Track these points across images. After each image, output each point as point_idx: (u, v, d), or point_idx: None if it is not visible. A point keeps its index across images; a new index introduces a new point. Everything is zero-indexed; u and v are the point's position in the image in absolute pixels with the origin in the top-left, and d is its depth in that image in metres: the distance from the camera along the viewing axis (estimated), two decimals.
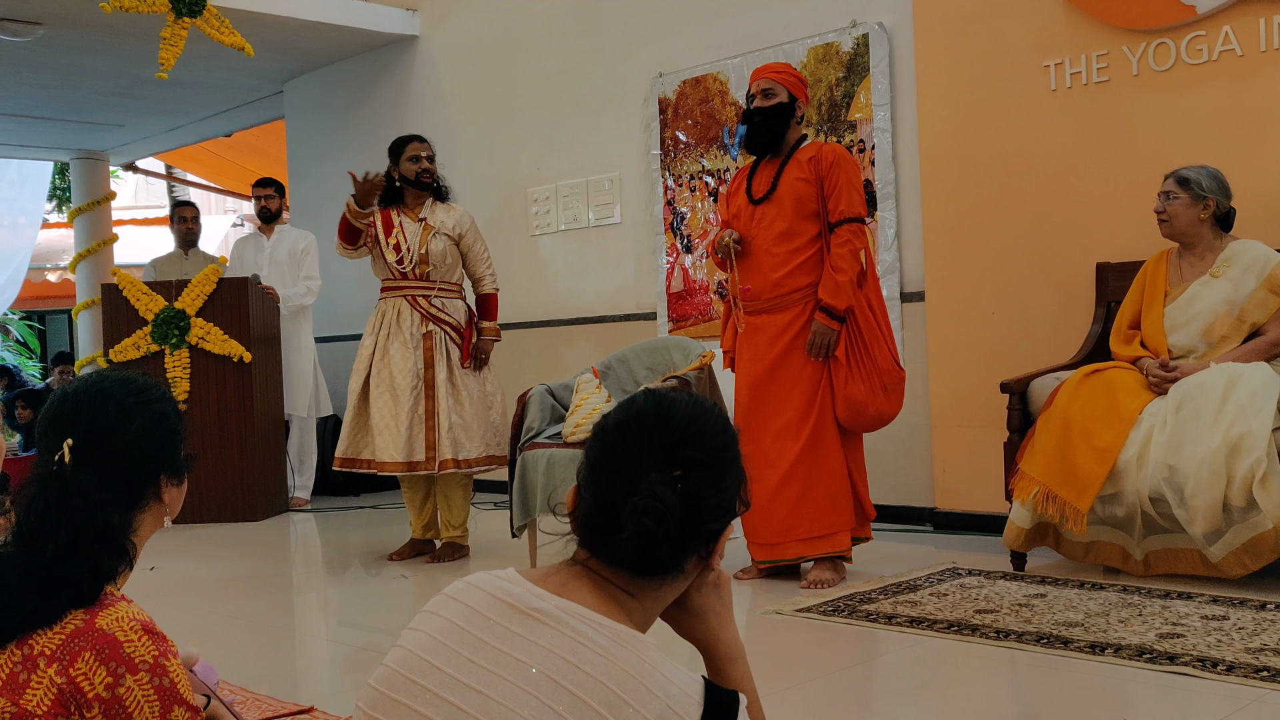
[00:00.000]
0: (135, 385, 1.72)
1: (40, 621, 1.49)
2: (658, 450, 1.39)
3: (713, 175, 6.19)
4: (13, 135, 10.37)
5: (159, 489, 1.70)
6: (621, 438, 1.42)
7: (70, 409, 1.65)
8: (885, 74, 5.52)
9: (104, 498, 1.57)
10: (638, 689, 1.28)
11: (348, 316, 8.36)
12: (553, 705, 1.26)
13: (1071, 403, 4.01)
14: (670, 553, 1.39)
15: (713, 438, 1.43)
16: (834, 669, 3.24)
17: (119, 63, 7.96)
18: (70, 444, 1.59)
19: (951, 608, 3.69)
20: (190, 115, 9.82)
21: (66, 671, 1.47)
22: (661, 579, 1.42)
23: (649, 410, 1.43)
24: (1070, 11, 4.83)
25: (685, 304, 6.32)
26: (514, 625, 1.33)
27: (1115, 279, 4.66)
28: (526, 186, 7.20)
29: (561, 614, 1.33)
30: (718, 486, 1.42)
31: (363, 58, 8.23)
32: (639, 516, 1.35)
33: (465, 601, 1.38)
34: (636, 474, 1.38)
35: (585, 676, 1.28)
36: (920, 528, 5.31)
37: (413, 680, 1.33)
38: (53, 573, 1.51)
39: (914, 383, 5.41)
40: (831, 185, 4.22)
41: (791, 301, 4.24)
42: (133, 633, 1.51)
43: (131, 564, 1.63)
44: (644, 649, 1.33)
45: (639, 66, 6.54)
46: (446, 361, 5.04)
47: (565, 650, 1.30)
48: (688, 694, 1.31)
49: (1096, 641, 3.19)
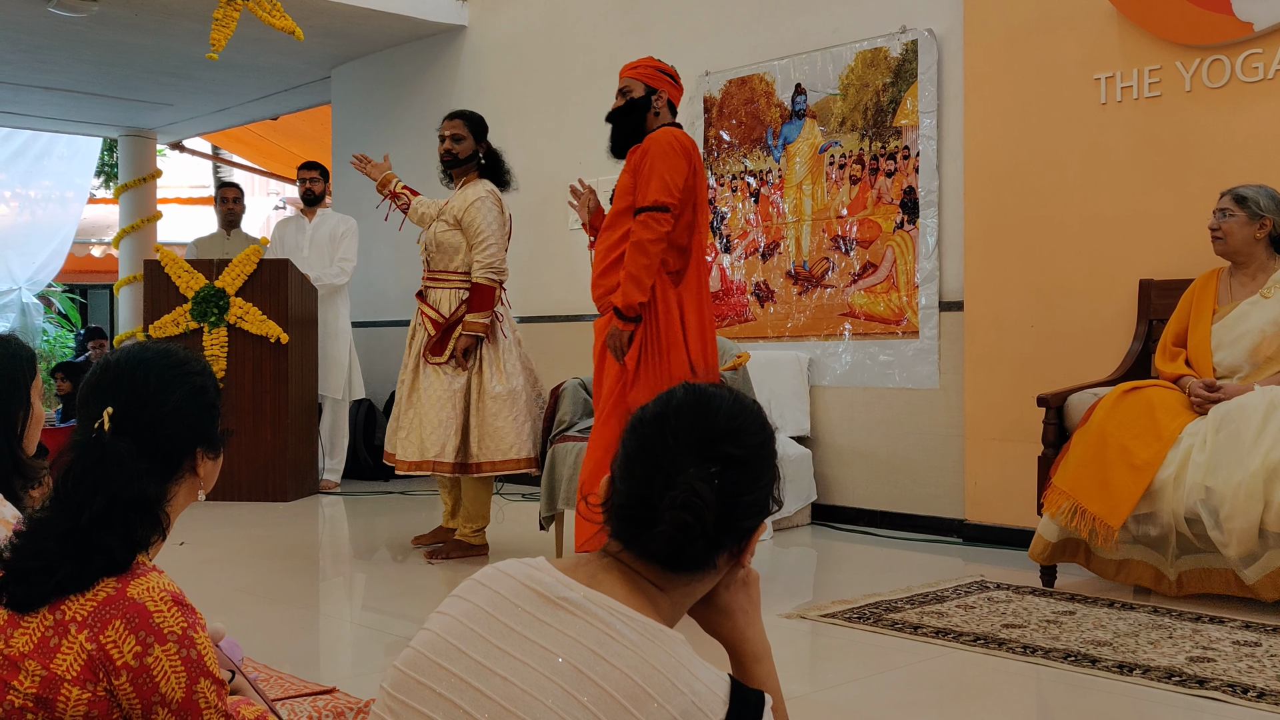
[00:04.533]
0: (176, 357, 1.73)
1: (73, 587, 1.51)
2: (697, 445, 1.38)
3: (755, 176, 6.17)
4: (64, 110, 10.49)
5: (195, 461, 1.71)
6: (660, 431, 1.40)
7: (112, 378, 1.66)
8: (933, 81, 5.48)
9: (141, 467, 1.59)
10: (663, 684, 1.27)
11: (385, 302, 8.40)
12: (577, 696, 1.26)
13: (1109, 419, 3.96)
14: (704, 548, 1.38)
15: (752, 435, 1.42)
16: (856, 677, 3.21)
17: (170, 42, 8.03)
18: (110, 412, 1.61)
19: (978, 620, 3.65)
20: (238, 97, 9.89)
21: (97, 639, 1.48)
22: (693, 574, 1.41)
23: (689, 404, 1.42)
24: (1124, 25, 4.78)
25: (722, 304, 6.30)
26: (542, 614, 1.32)
27: (1158, 296, 4.60)
28: (568, 180, 7.18)
29: (590, 604, 1.32)
30: (754, 484, 1.41)
31: (411, 46, 8.26)
32: (676, 511, 1.34)
33: (494, 588, 1.37)
34: (674, 468, 1.36)
35: (611, 669, 1.27)
36: (949, 539, 5.28)
37: (438, 664, 1.33)
38: (88, 539, 1.53)
39: (948, 393, 5.38)
40: (640, 173, 3.94)
41: (606, 304, 4.07)
42: (163, 603, 1.51)
43: (165, 534, 1.64)
44: (672, 644, 1.31)
45: (686, 64, 6.51)
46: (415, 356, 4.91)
47: (592, 641, 1.29)
48: (713, 691, 1.30)
49: (1125, 662, 3.15)
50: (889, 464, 5.63)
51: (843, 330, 5.79)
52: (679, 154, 3.93)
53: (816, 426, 5.88)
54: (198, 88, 9.49)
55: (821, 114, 5.89)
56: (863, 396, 5.73)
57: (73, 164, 13.45)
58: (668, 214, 3.90)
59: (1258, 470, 3.61)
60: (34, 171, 13.41)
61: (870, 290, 5.69)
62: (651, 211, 3.89)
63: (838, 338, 5.81)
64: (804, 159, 5.97)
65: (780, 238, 6.05)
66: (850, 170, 5.78)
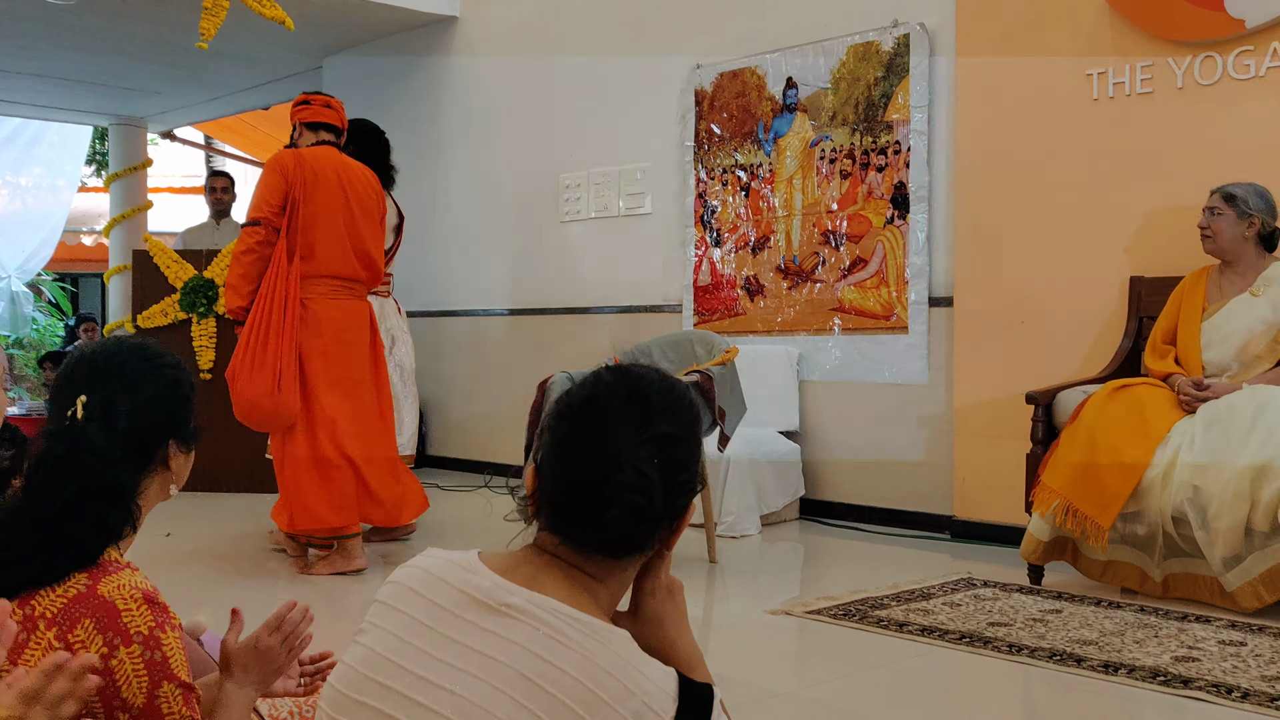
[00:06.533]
0: (151, 350, 1.72)
1: (44, 579, 1.48)
2: (636, 426, 1.34)
3: (745, 170, 6.15)
4: (54, 98, 10.43)
5: (167, 454, 1.69)
6: (594, 415, 1.36)
7: (86, 369, 1.65)
8: (924, 76, 5.46)
9: (113, 455, 1.57)
10: (614, 686, 1.25)
11: None
12: (527, 704, 1.23)
13: (1098, 417, 3.95)
14: (649, 530, 1.35)
15: (684, 412, 1.39)
16: (841, 674, 3.20)
17: (160, 30, 7.98)
18: (84, 400, 1.59)
19: (965, 618, 3.64)
20: (229, 86, 9.84)
21: (64, 637, 1.46)
22: (634, 557, 1.38)
23: (621, 385, 1.38)
24: (1116, 21, 4.76)
25: (712, 298, 6.28)
26: (485, 622, 1.29)
27: (1148, 294, 4.59)
28: (559, 173, 7.18)
29: (534, 609, 1.29)
30: (688, 463, 1.38)
31: (402, 36, 8.22)
32: (629, 494, 1.31)
33: (430, 597, 1.33)
34: (614, 451, 1.32)
35: (561, 674, 1.24)
36: (937, 535, 5.27)
37: (378, 682, 1.29)
38: (58, 528, 1.50)
39: (938, 389, 5.37)
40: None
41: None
42: (132, 601, 1.49)
43: (136, 526, 1.62)
44: (619, 643, 1.29)
45: (677, 57, 6.50)
46: None
47: (539, 647, 1.26)
48: (663, 689, 1.27)
49: (1110, 661, 3.15)
50: (878, 459, 5.61)
51: (832, 325, 5.78)
52: (274, 172, 4.49)
53: (805, 421, 5.87)
54: (188, 76, 9.44)
55: (813, 108, 5.87)
56: (852, 392, 5.72)
57: (64, 152, 13.39)
58: (257, 228, 4.43)
59: (1245, 469, 3.61)
60: (24, 159, 13.35)
61: (860, 285, 5.67)
62: (245, 226, 4.49)
63: (827, 332, 5.80)
64: (795, 153, 5.94)
65: (770, 232, 6.03)
66: (841, 165, 5.76)
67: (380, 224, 4.81)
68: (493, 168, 7.61)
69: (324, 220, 4.51)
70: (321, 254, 4.52)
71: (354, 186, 4.63)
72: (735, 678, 3.21)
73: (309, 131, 4.68)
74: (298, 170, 4.47)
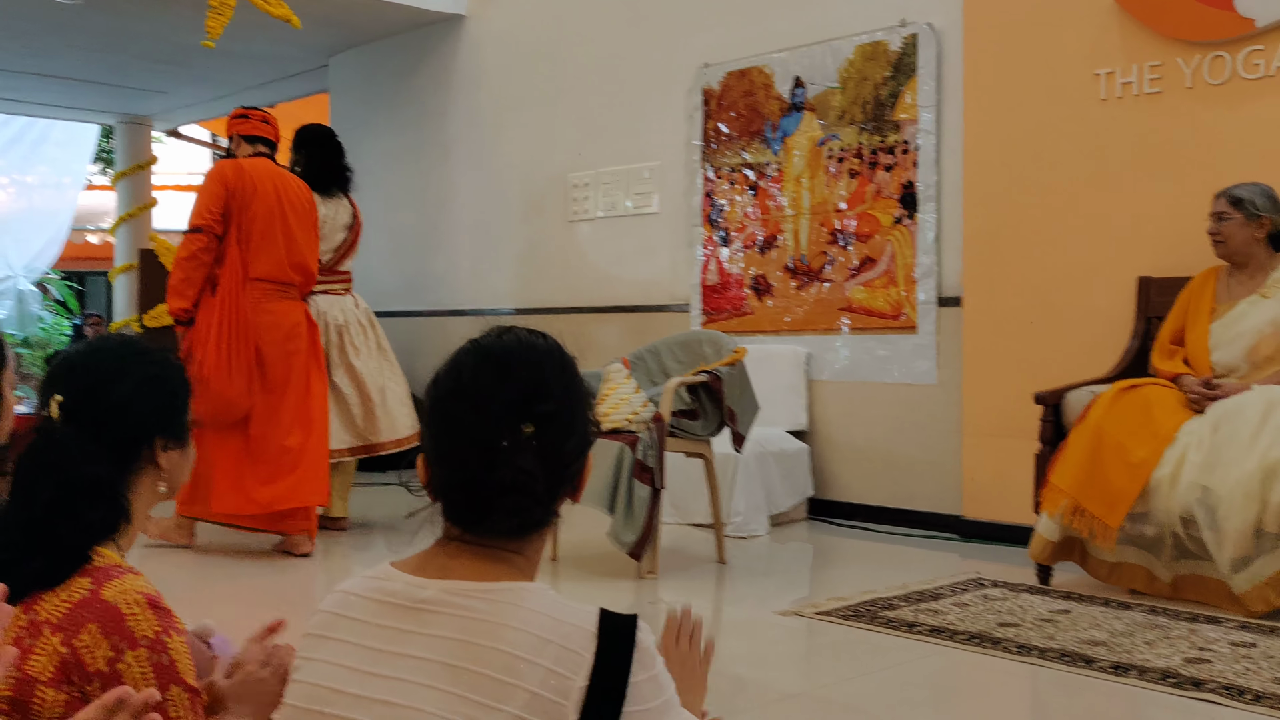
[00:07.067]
0: (134, 347, 1.70)
1: (45, 582, 1.48)
2: (506, 413, 1.31)
3: (753, 169, 6.14)
4: (60, 97, 10.43)
5: (154, 452, 1.66)
6: (463, 405, 1.32)
7: (65, 368, 1.65)
8: (932, 75, 5.45)
9: (89, 452, 1.55)
10: (528, 641, 1.24)
11: (380, 293, 8.36)
12: (454, 690, 1.23)
13: (1106, 417, 3.95)
14: (544, 512, 1.34)
15: (556, 380, 1.36)
16: (851, 675, 3.20)
17: (165, 29, 7.98)
18: (59, 400, 1.58)
19: (974, 619, 3.64)
20: (235, 85, 9.84)
21: (70, 642, 1.45)
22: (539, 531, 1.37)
23: (485, 370, 1.34)
24: (1124, 21, 4.75)
25: (719, 297, 6.28)
26: (404, 624, 1.29)
27: (1157, 294, 4.58)
28: (567, 172, 7.17)
29: (446, 596, 1.29)
30: (572, 427, 1.36)
31: (409, 35, 8.22)
32: (508, 494, 1.30)
33: (352, 615, 1.34)
34: (489, 443, 1.30)
35: (479, 649, 1.24)
36: (945, 535, 5.26)
37: (319, 711, 1.30)
38: (43, 528, 1.50)
39: (946, 389, 5.37)
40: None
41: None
42: (136, 606, 1.48)
43: (129, 520, 1.60)
44: (529, 598, 1.28)
45: (685, 56, 6.49)
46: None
47: (455, 631, 1.26)
48: (579, 626, 1.25)
49: (1120, 662, 3.14)
50: (886, 459, 5.61)
51: (841, 325, 5.77)
52: (215, 181, 4.76)
53: (814, 421, 5.87)
54: (194, 75, 9.44)
55: (820, 107, 5.87)
56: (860, 391, 5.72)
57: (70, 150, 13.39)
58: (199, 235, 4.69)
59: (1255, 470, 3.60)
60: (31, 157, 13.36)
61: (869, 285, 5.67)
62: (187, 233, 4.74)
63: (835, 332, 5.79)
64: (803, 152, 5.94)
65: (778, 231, 6.03)
66: (849, 164, 5.75)
67: (313, 232, 5.08)
68: (500, 166, 7.61)
69: (261, 228, 4.78)
70: (258, 259, 4.77)
71: (289, 196, 4.92)
72: (747, 678, 3.21)
73: (246, 144, 4.99)
74: (238, 180, 4.75)
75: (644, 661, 1.25)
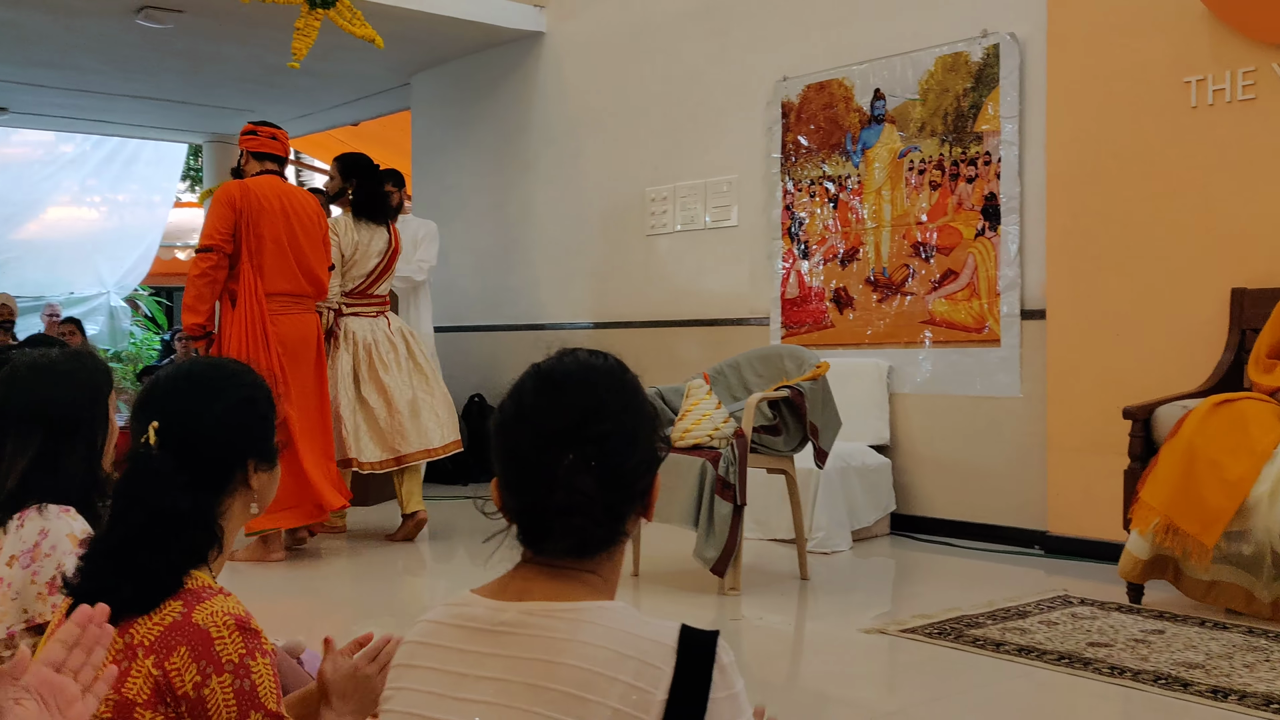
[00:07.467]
0: (224, 370, 1.72)
1: (136, 608, 1.50)
2: (563, 436, 1.32)
3: (833, 181, 6.11)
4: (151, 118, 10.72)
5: (247, 474, 1.69)
6: (523, 429, 1.35)
7: (159, 393, 1.66)
8: (1015, 85, 5.39)
9: (181, 480, 1.57)
10: (608, 657, 1.24)
11: (466, 306, 8.46)
12: (536, 709, 1.24)
13: (1199, 432, 3.86)
14: (607, 531, 1.35)
15: (613, 401, 1.36)
16: (937, 695, 3.17)
17: (253, 51, 8.16)
18: (155, 426, 1.59)
19: (1062, 638, 3.58)
20: (319, 104, 10.03)
21: (162, 664, 1.48)
22: (608, 550, 1.37)
23: (542, 394, 1.36)
24: (1215, 26, 4.65)
25: (800, 310, 6.25)
26: (486, 647, 1.31)
27: (1251, 305, 4.48)
28: (645, 186, 7.20)
29: (526, 618, 1.30)
30: (634, 445, 1.36)
31: (489, 53, 8.31)
32: (564, 518, 1.31)
33: (437, 643, 1.36)
34: (548, 467, 1.32)
35: (559, 667, 1.25)
36: (1030, 551, 5.18)
37: None
38: (131, 557, 1.52)
39: (1030, 402, 5.29)
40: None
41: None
42: (225, 629, 1.50)
43: (220, 547, 1.63)
44: (608, 617, 1.29)
45: (764, 70, 6.49)
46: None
47: (535, 651, 1.27)
48: (659, 642, 1.26)
49: (1219, 686, 3.07)
50: (969, 474, 5.54)
51: (923, 338, 5.72)
52: (223, 203, 4.97)
53: (896, 435, 5.81)
54: (280, 95, 9.64)
55: (901, 119, 5.82)
56: (943, 405, 5.66)
57: (159, 169, 13.74)
58: (209, 254, 4.92)
59: None
60: (122, 177, 13.73)
61: (951, 297, 5.61)
62: (199, 252, 4.98)
63: (918, 345, 5.74)
64: (883, 164, 5.90)
65: (859, 244, 5.99)
66: (930, 176, 5.70)
67: (322, 244, 5.26)
68: (579, 182, 7.66)
69: (271, 245, 5.02)
70: (270, 274, 5.01)
71: (296, 210, 5.12)
72: (831, 696, 3.19)
73: (255, 160, 5.21)
74: (244, 200, 5.00)
75: (725, 679, 1.25)
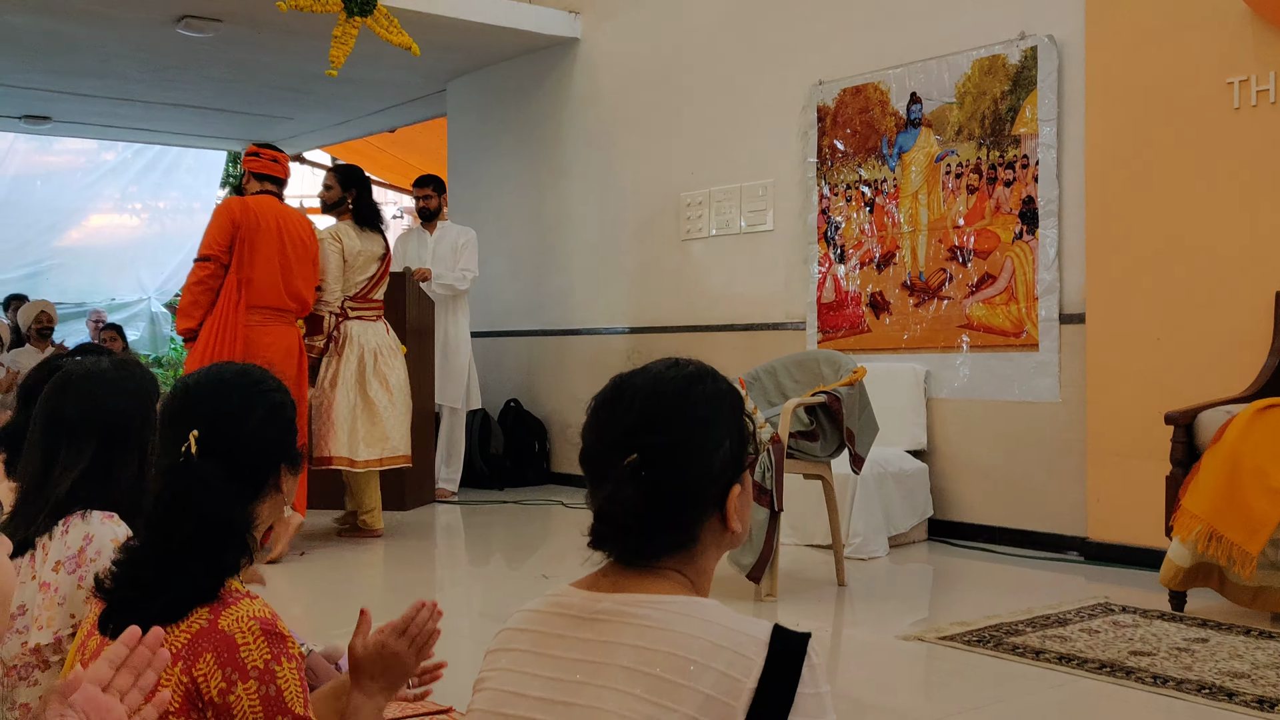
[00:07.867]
0: (253, 376, 1.73)
1: (167, 618, 1.50)
2: (617, 441, 1.39)
3: (869, 185, 6.09)
4: (191, 126, 10.84)
5: (279, 479, 1.70)
6: (589, 438, 1.44)
7: (194, 400, 1.66)
8: (1053, 88, 5.34)
9: (230, 489, 1.59)
10: (703, 647, 1.28)
11: (504, 312, 8.48)
12: (632, 691, 1.28)
13: (1243, 439, 3.81)
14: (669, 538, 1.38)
15: (673, 412, 1.40)
16: (976, 704, 3.14)
17: (291, 59, 8.23)
18: (196, 435, 1.60)
19: (1104, 646, 3.54)
20: (356, 110, 10.10)
21: (190, 671, 1.48)
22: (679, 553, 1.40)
23: (605, 406, 1.44)
24: (1259, 26, 4.60)
25: (836, 315, 6.23)
26: (583, 633, 1.36)
27: None
28: (680, 191, 7.20)
29: (622, 606, 1.35)
30: (697, 455, 1.38)
31: (524, 59, 8.34)
32: (598, 523, 1.39)
33: (533, 629, 1.41)
34: (603, 471, 1.40)
35: (655, 653, 1.29)
36: (1069, 557, 5.13)
37: (504, 714, 1.36)
38: (179, 565, 1.53)
39: (1070, 407, 5.24)
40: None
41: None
42: (250, 634, 1.51)
43: (252, 558, 1.63)
44: (704, 610, 1.33)
45: (799, 74, 6.47)
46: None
47: (632, 638, 1.32)
48: (752, 636, 1.29)
49: (1266, 696, 3.02)
50: (1008, 479, 5.50)
51: (960, 342, 5.68)
52: (223, 216, 5.26)
53: (933, 440, 5.78)
54: (318, 102, 9.71)
55: (937, 123, 5.79)
56: (981, 410, 5.62)
57: (199, 176, 13.88)
58: (207, 263, 5.20)
59: None
60: (163, 184, 13.87)
61: (988, 302, 5.57)
62: (197, 261, 5.24)
63: (955, 350, 5.70)
64: (919, 168, 5.87)
65: (896, 248, 5.96)
66: (967, 179, 5.67)
67: (311, 264, 5.55)
68: (614, 186, 7.67)
69: (263, 261, 5.29)
70: (259, 288, 5.29)
71: (289, 230, 5.40)
72: (868, 703, 3.17)
73: (255, 180, 5.48)
74: (243, 215, 5.27)
75: (814, 677, 1.28)
